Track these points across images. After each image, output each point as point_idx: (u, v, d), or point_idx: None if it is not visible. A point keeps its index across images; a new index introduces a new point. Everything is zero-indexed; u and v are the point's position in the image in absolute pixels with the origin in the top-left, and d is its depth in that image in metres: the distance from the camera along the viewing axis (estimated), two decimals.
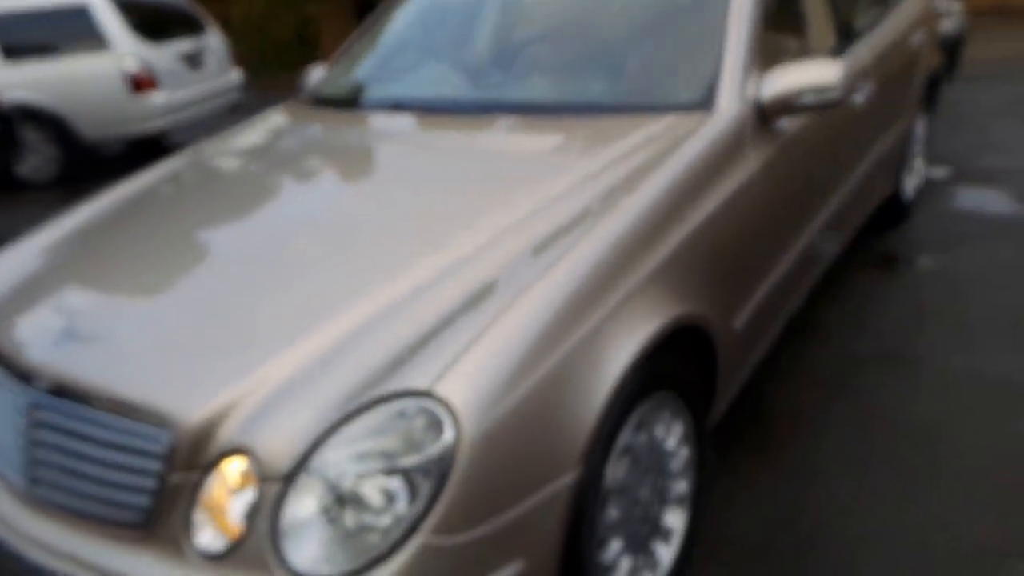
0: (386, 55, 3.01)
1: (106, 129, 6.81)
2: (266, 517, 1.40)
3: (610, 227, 1.75)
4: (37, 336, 1.74)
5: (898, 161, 3.66)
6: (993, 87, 6.75)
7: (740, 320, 2.15)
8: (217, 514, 1.45)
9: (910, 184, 3.98)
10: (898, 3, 3.71)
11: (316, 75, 3.24)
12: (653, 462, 1.84)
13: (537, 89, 2.51)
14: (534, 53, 2.63)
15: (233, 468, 1.44)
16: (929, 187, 4.41)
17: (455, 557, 1.37)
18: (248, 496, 1.42)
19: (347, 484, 1.37)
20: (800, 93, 2.22)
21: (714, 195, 2.03)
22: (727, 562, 2.05)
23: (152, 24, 7.02)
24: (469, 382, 1.41)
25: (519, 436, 1.44)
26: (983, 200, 4.25)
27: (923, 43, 3.80)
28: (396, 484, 1.37)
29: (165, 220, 2.22)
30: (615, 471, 1.69)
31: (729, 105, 2.19)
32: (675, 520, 1.95)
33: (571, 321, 1.57)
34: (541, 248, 1.70)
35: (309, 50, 12.37)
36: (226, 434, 1.45)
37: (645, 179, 1.91)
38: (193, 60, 7.29)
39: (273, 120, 2.86)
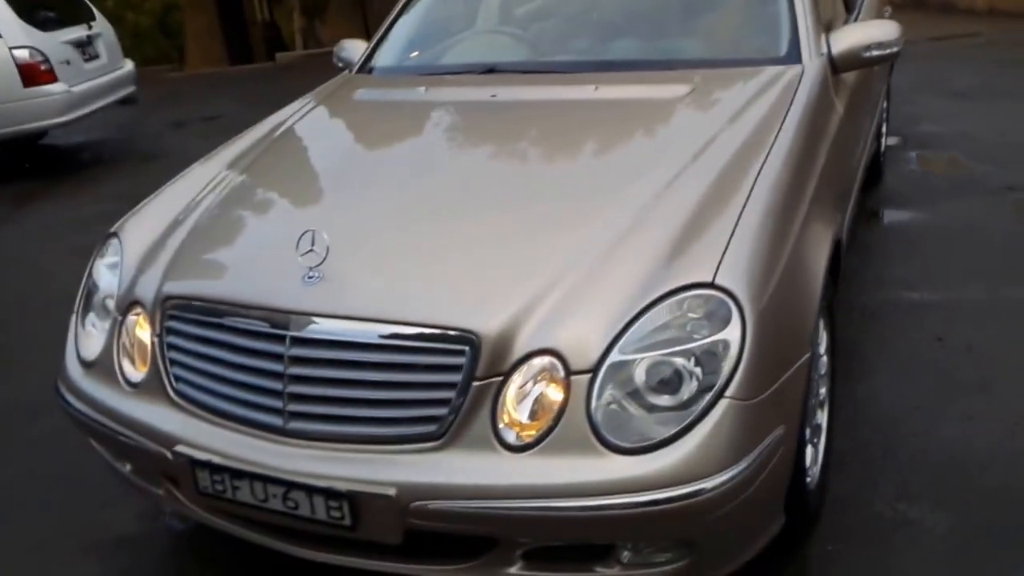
0: (454, 22, 3.34)
1: None
2: (580, 406, 1.65)
3: (784, 152, 2.13)
4: (287, 279, 1.86)
5: (880, 121, 4.27)
6: (900, 67, 7.67)
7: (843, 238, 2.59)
8: (522, 410, 1.68)
9: (882, 146, 4.62)
10: None
11: (353, 48, 3.40)
12: (815, 365, 2.22)
13: (632, 49, 2.89)
14: (622, 16, 3.02)
15: (536, 368, 1.69)
16: (887, 152, 5.09)
17: (748, 419, 1.67)
18: (554, 391, 1.68)
19: (651, 368, 1.66)
20: (867, 48, 2.67)
21: (826, 131, 2.47)
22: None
23: (39, 9, 6.78)
24: (742, 272, 1.74)
25: (777, 319, 1.77)
26: (935, 162, 4.97)
27: (890, 15, 4.45)
28: (692, 364, 1.66)
29: (365, 161, 2.50)
30: None
31: (811, 60, 2.62)
32: (823, 419, 2.33)
33: (787, 228, 1.94)
34: (737, 167, 2.05)
35: (172, 41, 12.04)
36: (525, 339, 1.69)
37: (787, 118, 2.28)
38: (87, 50, 7.09)
39: (362, 89, 3.10)
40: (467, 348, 1.69)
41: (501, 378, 1.69)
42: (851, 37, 2.71)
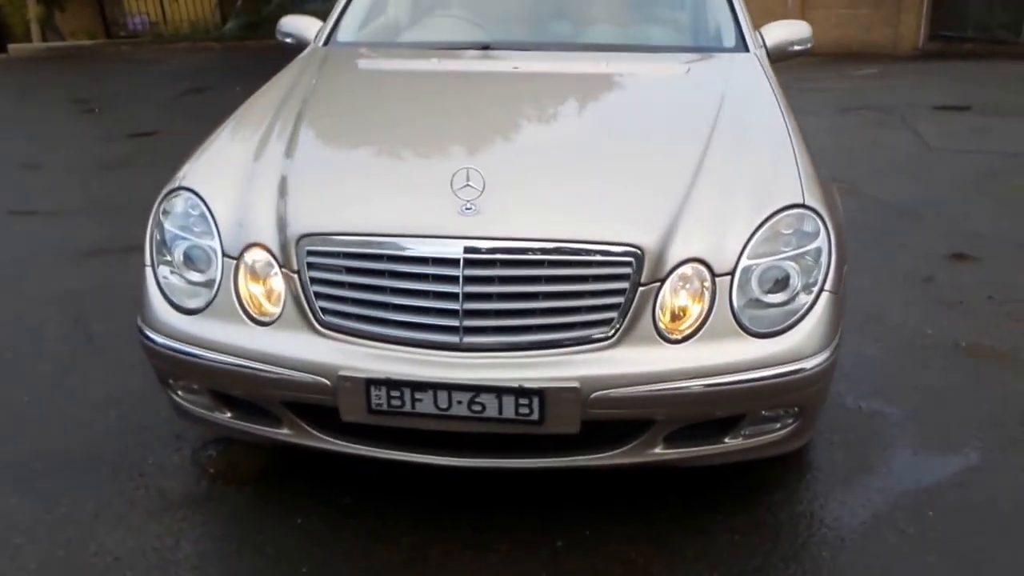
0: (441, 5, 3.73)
1: None
2: (724, 302, 2.11)
3: (783, 102, 2.79)
4: (447, 210, 2.14)
5: None
6: None
7: None
8: (675, 308, 2.12)
9: None
10: None
11: (296, 24, 3.62)
12: None
13: (606, 35, 3.47)
14: (599, 7, 3.62)
15: (688, 273, 2.13)
16: None
17: (837, 307, 2.21)
18: (703, 291, 2.12)
19: (769, 271, 2.17)
20: (791, 43, 3.42)
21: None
22: None
23: None
24: (817, 193, 2.31)
25: (837, 227, 2.29)
26: None
27: None
28: (801, 264, 2.19)
29: (449, 111, 2.82)
30: None
31: (756, 48, 3.31)
32: None
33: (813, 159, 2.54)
34: (762, 113, 2.68)
35: None
36: (677, 250, 2.12)
37: (770, 80, 2.95)
38: None
39: (361, 60, 3.38)
40: (633, 260, 2.09)
41: (659, 283, 2.10)
42: (777, 33, 3.44)
